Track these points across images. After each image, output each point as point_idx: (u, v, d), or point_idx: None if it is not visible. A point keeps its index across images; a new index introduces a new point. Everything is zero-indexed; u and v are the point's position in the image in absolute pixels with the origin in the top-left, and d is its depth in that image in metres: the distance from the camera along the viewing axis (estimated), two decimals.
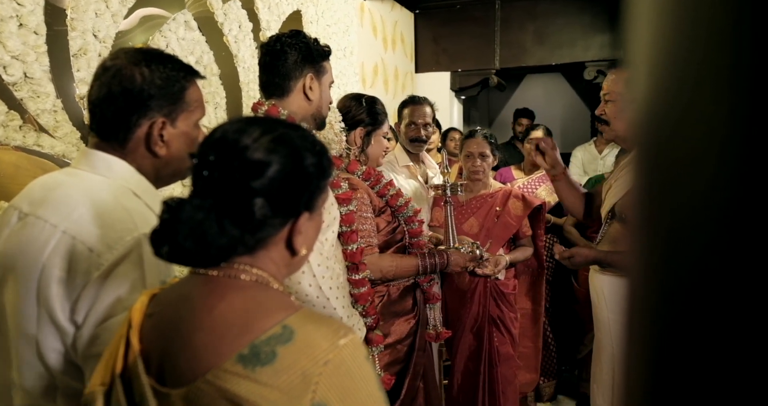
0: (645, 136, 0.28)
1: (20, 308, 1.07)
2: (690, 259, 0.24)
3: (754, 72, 0.22)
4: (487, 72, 5.44)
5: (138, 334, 0.82)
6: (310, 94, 1.72)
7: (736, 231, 0.22)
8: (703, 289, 0.23)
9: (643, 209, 0.28)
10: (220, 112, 2.74)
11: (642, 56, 0.30)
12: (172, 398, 0.74)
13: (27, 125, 1.82)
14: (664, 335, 0.25)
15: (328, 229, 1.70)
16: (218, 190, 0.76)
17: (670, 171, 0.26)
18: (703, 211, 0.23)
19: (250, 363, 0.70)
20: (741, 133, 0.22)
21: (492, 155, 2.77)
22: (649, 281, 0.26)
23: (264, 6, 3.05)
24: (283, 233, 0.82)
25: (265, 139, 0.77)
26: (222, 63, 2.74)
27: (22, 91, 1.79)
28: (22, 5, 1.77)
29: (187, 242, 0.75)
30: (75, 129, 1.97)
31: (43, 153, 1.86)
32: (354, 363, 0.72)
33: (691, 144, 0.25)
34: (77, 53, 1.97)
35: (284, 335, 0.72)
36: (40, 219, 1.07)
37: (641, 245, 0.27)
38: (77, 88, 1.98)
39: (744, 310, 0.22)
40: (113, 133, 1.14)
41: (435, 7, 5.48)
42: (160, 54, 1.19)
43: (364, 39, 4.36)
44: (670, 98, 0.26)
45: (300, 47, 1.71)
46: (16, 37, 1.76)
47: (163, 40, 2.38)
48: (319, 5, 3.64)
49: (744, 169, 0.22)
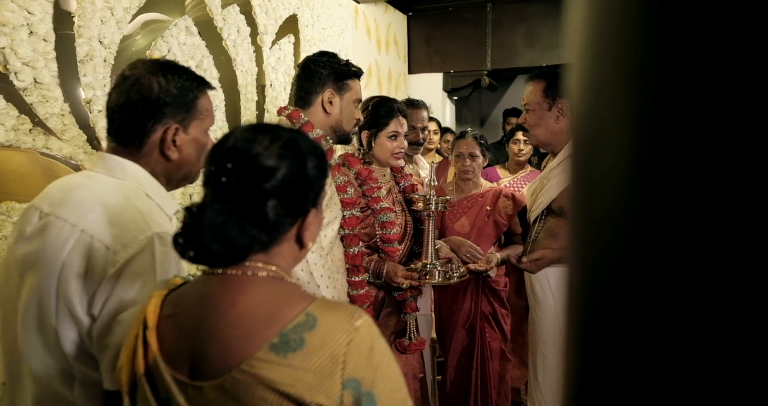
0: (576, 136, 0.35)
1: (39, 302, 1.14)
2: (615, 246, 0.32)
3: (657, 80, 0.29)
4: (478, 73, 5.54)
5: (155, 334, 0.87)
6: (328, 108, 1.89)
7: (652, 219, 0.30)
8: (626, 270, 0.31)
9: (577, 202, 0.36)
10: (219, 114, 2.82)
11: (574, 65, 0.36)
12: (204, 390, 0.80)
13: (36, 128, 1.89)
14: (597, 315, 0.33)
15: (328, 226, 1.79)
16: (235, 194, 0.82)
17: (596, 168, 0.33)
18: (622, 201, 0.31)
19: (281, 350, 0.78)
20: (646, 135, 0.29)
21: (482, 156, 2.85)
22: (584, 264, 0.34)
23: (261, 11, 3.13)
24: (294, 229, 0.89)
25: (275, 146, 0.84)
26: (221, 67, 2.81)
27: (32, 96, 1.86)
28: (33, 14, 1.84)
29: (212, 244, 0.81)
30: (81, 132, 2.04)
31: (51, 155, 1.93)
32: (371, 339, 0.82)
33: (610, 144, 0.32)
34: (83, 59, 2.04)
35: (308, 323, 0.80)
36: (60, 219, 1.14)
37: (576, 233, 0.35)
38: (83, 92, 2.05)
39: (662, 289, 0.30)
40: (130, 138, 1.21)
41: (428, 9, 5.57)
42: (175, 65, 1.27)
43: (358, 41, 4.44)
44: (594, 101, 0.34)
45: (324, 65, 1.89)
46: (27, 44, 1.83)
47: (165, 45, 2.45)
48: (315, 9, 3.71)
49: (650, 164, 0.29)
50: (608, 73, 0.33)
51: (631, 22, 0.29)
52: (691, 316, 0.28)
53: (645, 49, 0.29)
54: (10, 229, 1.78)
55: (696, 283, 0.28)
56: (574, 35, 0.37)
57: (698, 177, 0.27)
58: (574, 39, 0.37)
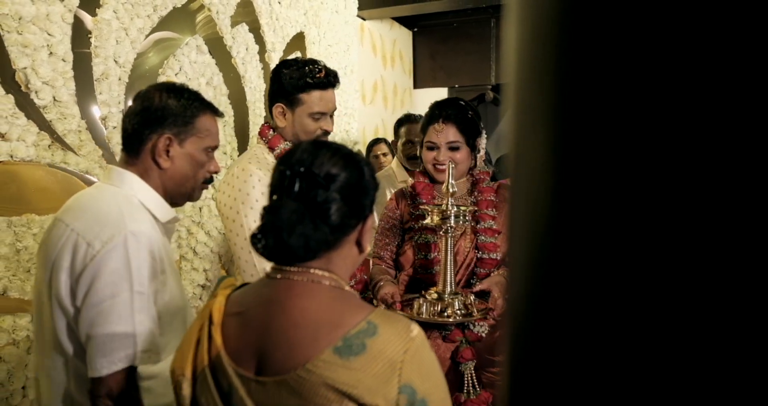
0: (511, 159, 0.42)
1: (38, 295, 1.28)
2: (543, 253, 0.38)
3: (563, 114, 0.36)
4: (483, 87, 5.64)
5: (220, 331, 0.95)
6: (279, 121, 1.82)
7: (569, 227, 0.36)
8: (553, 271, 0.38)
9: (511, 208, 0.42)
10: (228, 129, 2.91)
11: (509, 94, 0.43)
12: (268, 385, 0.88)
13: (55, 144, 1.98)
14: (531, 310, 0.39)
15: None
16: (306, 196, 0.91)
17: (524, 186, 0.40)
18: (541, 203, 0.37)
19: (344, 354, 0.85)
20: (557, 159, 0.35)
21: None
22: (521, 267, 0.40)
23: (269, 29, 3.23)
24: (355, 233, 0.97)
25: (337, 157, 0.95)
26: (230, 83, 2.91)
27: (51, 114, 1.96)
28: (53, 35, 1.94)
29: (291, 239, 0.89)
30: (97, 147, 2.13)
31: (68, 169, 2.03)
32: (424, 350, 0.89)
33: (529, 167, 0.39)
34: (100, 78, 2.14)
35: (370, 330, 0.87)
36: (62, 222, 1.26)
37: (510, 234, 0.41)
38: (99, 109, 2.14)
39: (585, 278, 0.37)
40: (131, 144, 1.33)
41: (433, 25, 5.68)
42: (182, 87, 1.38)
43: (364, 57, 4.54)
44: (518, 128, 0.40)
45: (275, 79, 1.81)
46: (47, 64, 1.93)
47: (177, 63, 2.55)
48: (321, 27, 3.82)
49: (563, 183, 0.36)
50: (529, 95, 0.39)
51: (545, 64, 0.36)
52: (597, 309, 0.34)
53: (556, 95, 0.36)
54: (30, 240, 1.87)
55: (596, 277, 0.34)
56: (509, 58, 0.43)
57: (599, 179, 0.33)
58: (509, 61, 0.43)
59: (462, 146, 1.85)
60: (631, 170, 0.32)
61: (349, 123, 4.21)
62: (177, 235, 2.55)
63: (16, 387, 1.85)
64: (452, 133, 1.84)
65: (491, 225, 1.85)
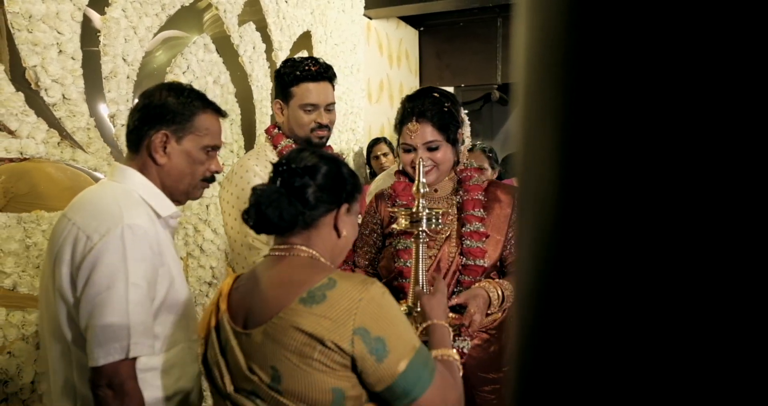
0: (519, 158, 0.42)
1: (45, 287, 1.31)
2: (551, 253, 0.38)
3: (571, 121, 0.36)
4: (489, 87, 5.64)
5: (226, 300, 1.16)
6: (278, 117, 1.94)
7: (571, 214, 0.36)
8: (561, 272, 0.38)
9: (520, 208, 0.43)
10: (235, 127, 2.92)
11: (517, 96, 0.43)
12: (252, 335, 1.06)
13: (64, 141, 2.00)
14: (539, 313, 0.40)
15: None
16: (287, 181, 1.11)
17: (532, 189, 0.40)
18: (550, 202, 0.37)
19: (308, 303, 1.03)
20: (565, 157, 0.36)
21: (491, 168, 2.92)
22: (529, 268, 0.40)
23: (276, 28, 3.24)
24: (330, 216, 1.14)
25: (315, 156, 1.14)
26: (237, 82, 2.92)
27: (60, 111, 1.97)
28: (62, 34, 1.96)
29: (268, 210, 1.08)
30: (105, 145, 2.15)
31: (77, 166, 2.04)
32: (380, 298, 1.05)
33: (538, 166, 0.39)
34: (108, 76, 2.15)
35: (330, 284, 1.05)
36: (66, 217, 1.29)
37: (520, 236, 0.42)
38: (108, 107, 2.16)
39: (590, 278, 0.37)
40: (132, 140, 1.36)
41: (439, 24, 5.67)
42: (185, 86, 1.40)
43: (370, 56, 4.55)
44: (527, 127, 0.41)
45: (275, 78, 1.95)
46: (57, 62, 1.94)
47: (184, 62, 2.56)
48: (328, 25, 3.82)
49: (569, 181, 0.36)
50: (538, 95, 0.40)
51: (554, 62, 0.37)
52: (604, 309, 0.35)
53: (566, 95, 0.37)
54: (39, 236, 1.89)
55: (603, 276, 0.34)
56: (517, 57, 0.43)
57: (606, 179, 0.34)
58: (518, 60, 0.43)
59: (441, 145, 1.65)
60: (642, 170, 0.32)
61: (355, 122, 4.22)
62: (184, 232, 2.57)
63: (25, 382, 1.87)
64: (429, 132, 1.64)
65: (478, 228, 1.65)
